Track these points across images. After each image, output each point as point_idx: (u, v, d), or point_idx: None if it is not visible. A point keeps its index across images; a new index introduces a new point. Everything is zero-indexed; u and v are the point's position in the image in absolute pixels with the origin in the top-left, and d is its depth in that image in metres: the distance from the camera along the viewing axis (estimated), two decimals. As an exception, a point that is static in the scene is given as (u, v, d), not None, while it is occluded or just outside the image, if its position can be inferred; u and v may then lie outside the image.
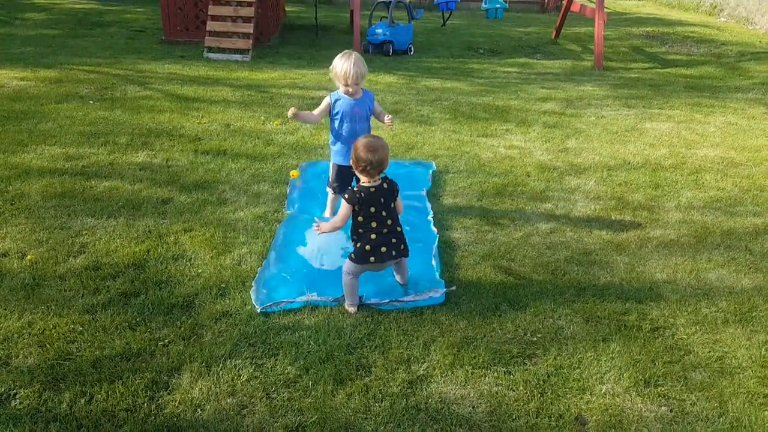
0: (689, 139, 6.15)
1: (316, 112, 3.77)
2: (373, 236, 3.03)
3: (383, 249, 3.05)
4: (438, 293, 3.17)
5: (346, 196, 3.03)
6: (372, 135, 3.17)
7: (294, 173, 4.11)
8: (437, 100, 7.37)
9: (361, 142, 3.05)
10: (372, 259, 3.04)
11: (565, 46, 11.77)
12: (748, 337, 3.00)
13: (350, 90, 3.62)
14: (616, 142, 5.96)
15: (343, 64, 3.56)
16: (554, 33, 12.21)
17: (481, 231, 3.99)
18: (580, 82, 8.78)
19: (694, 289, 3.41)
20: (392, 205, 3.11)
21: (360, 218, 3.04)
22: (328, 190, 4.01)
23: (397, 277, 3.31)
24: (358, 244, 3.07)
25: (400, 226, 3.14)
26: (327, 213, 4.07)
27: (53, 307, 2.99)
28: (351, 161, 3.10)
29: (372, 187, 3.04)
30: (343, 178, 3.85)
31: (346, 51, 3.64)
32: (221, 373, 2.59)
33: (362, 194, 3.01)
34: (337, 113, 3.72)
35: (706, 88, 8.58)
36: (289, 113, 3.63)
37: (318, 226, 3.16)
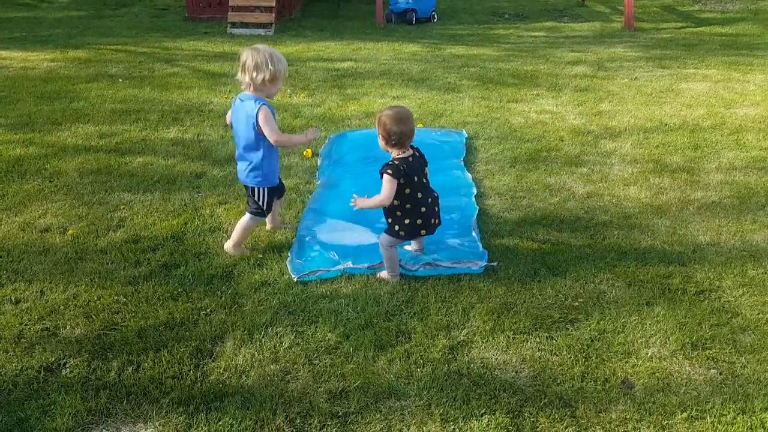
0: (728, 98, 5.93)
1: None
2: (423, 209, 2.95)
3: (433, 221, 3.01)
4: (478, 265, 3.12)
5: (390, 171, 2.84)
6: (394, 106, 3.00)
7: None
8: (464, 67, 7.23)
9: (386, 114, 2.88)
10: (423, 232, 2.99)
11: (593, 7, 11.41)
12: (799, 298, 2.91)
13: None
14: (651, 104, 5.79)
15: None
16: (582, -5, 11.82)
17: (515, 197, 3.93)
18: (610, 44, 8.52)
19: (740, 250, 3.31)
20: (427, 172, 3.04)
21: (407, 190, 2.90)
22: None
23: (414, 245, 3.22)
24: (407, 220, 2.94)
25: (436, 192, 3.09)
26: None
27: (96, 280, 3.04)
28: (380, 137, 2.91)
29: (409, 156, 2.94)
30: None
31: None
32: (263, 340, 2.62)
33: (405, 166, 2.87)
34: None
35: (743, 45, 8.25)
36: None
37: (355, 201, 2.98)
